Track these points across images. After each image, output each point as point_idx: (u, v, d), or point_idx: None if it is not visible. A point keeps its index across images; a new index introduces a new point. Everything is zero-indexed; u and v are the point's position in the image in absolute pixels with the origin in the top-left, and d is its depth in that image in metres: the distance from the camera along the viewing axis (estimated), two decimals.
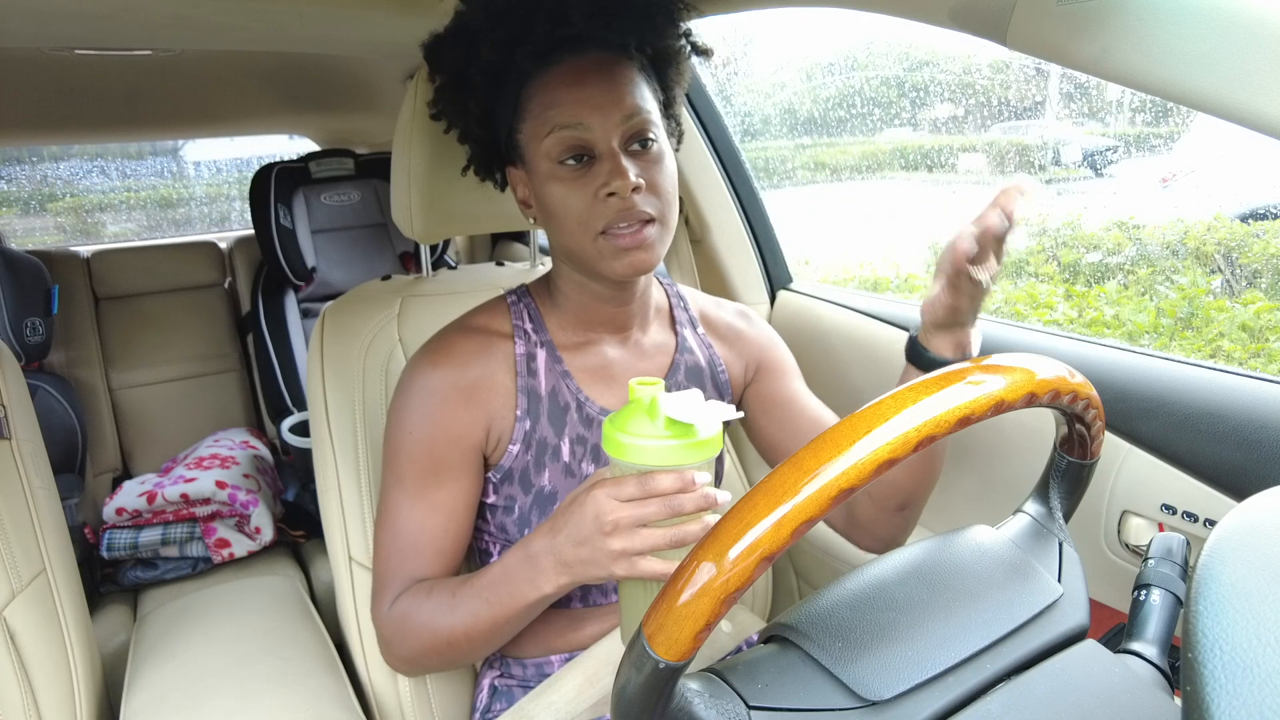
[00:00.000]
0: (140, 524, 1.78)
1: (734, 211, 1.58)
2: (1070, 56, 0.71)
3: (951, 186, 2.76)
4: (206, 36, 1.38)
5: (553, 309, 0.93)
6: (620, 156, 0.79)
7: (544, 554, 0.75)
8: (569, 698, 0.87)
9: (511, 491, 0.90)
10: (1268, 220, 1.93)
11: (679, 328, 1.00)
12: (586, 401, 0.91)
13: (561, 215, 0.82)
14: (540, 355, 0.91)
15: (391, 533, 0.88)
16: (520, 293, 0.95)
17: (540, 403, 0.90)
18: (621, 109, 0.80)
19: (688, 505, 0.67)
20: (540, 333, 0.92)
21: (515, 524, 0.91)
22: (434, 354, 0.88)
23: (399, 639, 0.87)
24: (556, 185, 0.81)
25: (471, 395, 0.87)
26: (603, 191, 0.79)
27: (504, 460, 0.89)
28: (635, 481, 0.67)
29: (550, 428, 0.90)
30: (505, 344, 0.90)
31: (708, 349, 1.01)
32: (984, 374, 0.54)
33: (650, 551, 0.68)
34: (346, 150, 2.31)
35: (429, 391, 0.86)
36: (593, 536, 0.69)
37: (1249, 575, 0.40)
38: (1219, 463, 0.89)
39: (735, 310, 1.07)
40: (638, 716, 0.52)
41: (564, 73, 0.80)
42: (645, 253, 0.81)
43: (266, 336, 2.13)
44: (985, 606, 0.60)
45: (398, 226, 1.08)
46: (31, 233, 3.56)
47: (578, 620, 0.94)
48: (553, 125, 0.80)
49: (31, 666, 0.94)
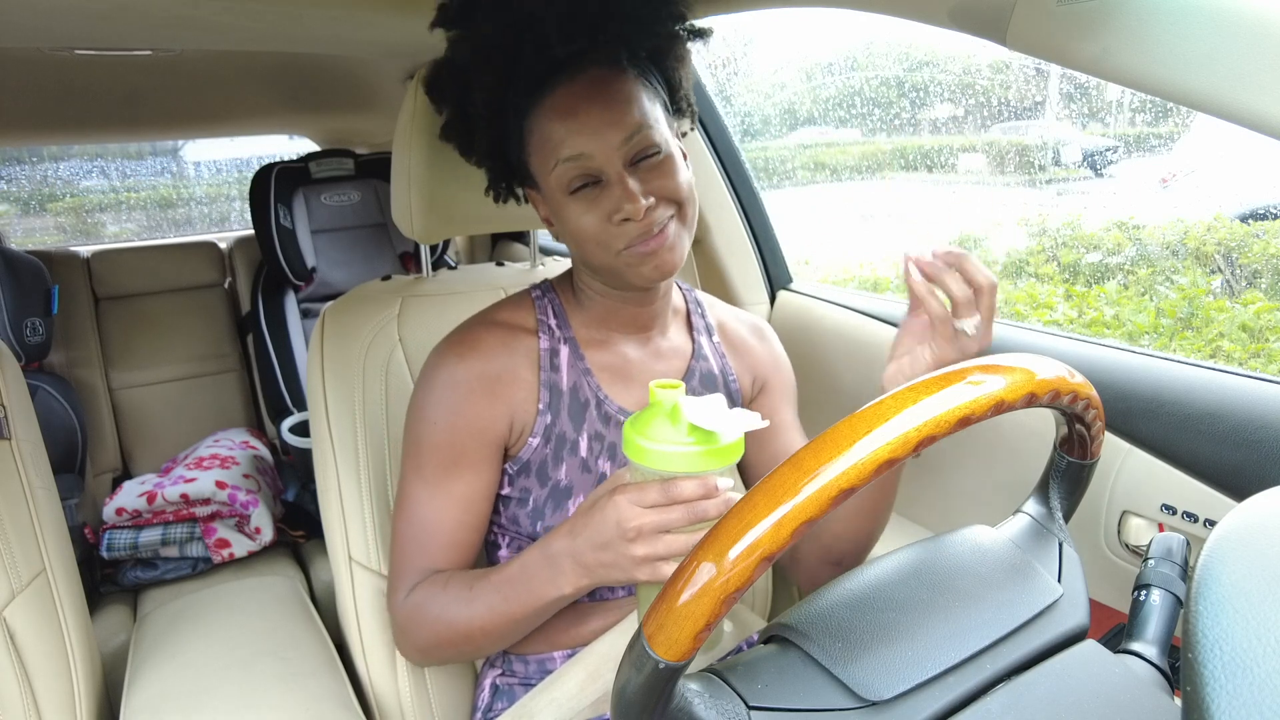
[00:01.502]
0: (140, 524, 1.78)
1: (734, 211, 1.58)
2: (1070, 57, 0.71)
3: (951, 186, 2.76)
4: (206, 36, 1.38)
5: (577, 307, 0.94)
6: (627, 180, 0.79)
7: (564, 556, 0.75)
8: (571, 694, 0.87)
9: (528, 484, 0.90)
10: (1268, 220, 1.93)
11: (695, 334, 1.00)
12: (605, 399, 0.91)
13: (581, 237, 0.83)
14: (563, 351, 0.91)
15: (409, 522, 0.89)
16: (545, 288, 0.96)
17: (562, 397, 0.90)
18: (621, 130, 0.79)
19: (711, 511, 0.67)
20: (564, 329, 0.93)
21: (529, 516, 0.91)
22: (459, 346, 0.89)
23: (413, 628, 0.87)
24: (572, 209, 0.82)
25: (495, 388, 0.88)
26: (616, 217, 0.79)
27: (523, 453, 0.90)
28: (658, 488, 0.67)
29: (570, 423, 0.90)
30: (529, 339, 0.91)
31: (721, 358, 1.01)
32: (984, 374, 0.54)
33: (673, 557, 0.68)
34: (346, 150, 2.31)
35: (454, 383, 0.87)
36: (615, 541, 0.69)
37: (1249, 575, 0.40)
38: (1219, 463, 0.89)
39: (751, 324, 1.07)
40: (638, 716, 0.52)
41: (558, 102, 0.79)
42: (669, 252, 0.82)
43: (266, 337, 2.13)
44: (985, 606, 0.60)
45: (398, 226, 1.08)
46: (31, 233, 3.56)
47: (583, 615, 0.94)
48: (556, 159, 0.80)
49: (31, 666, 0.94)
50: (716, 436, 0.66)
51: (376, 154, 2.36)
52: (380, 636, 1.03)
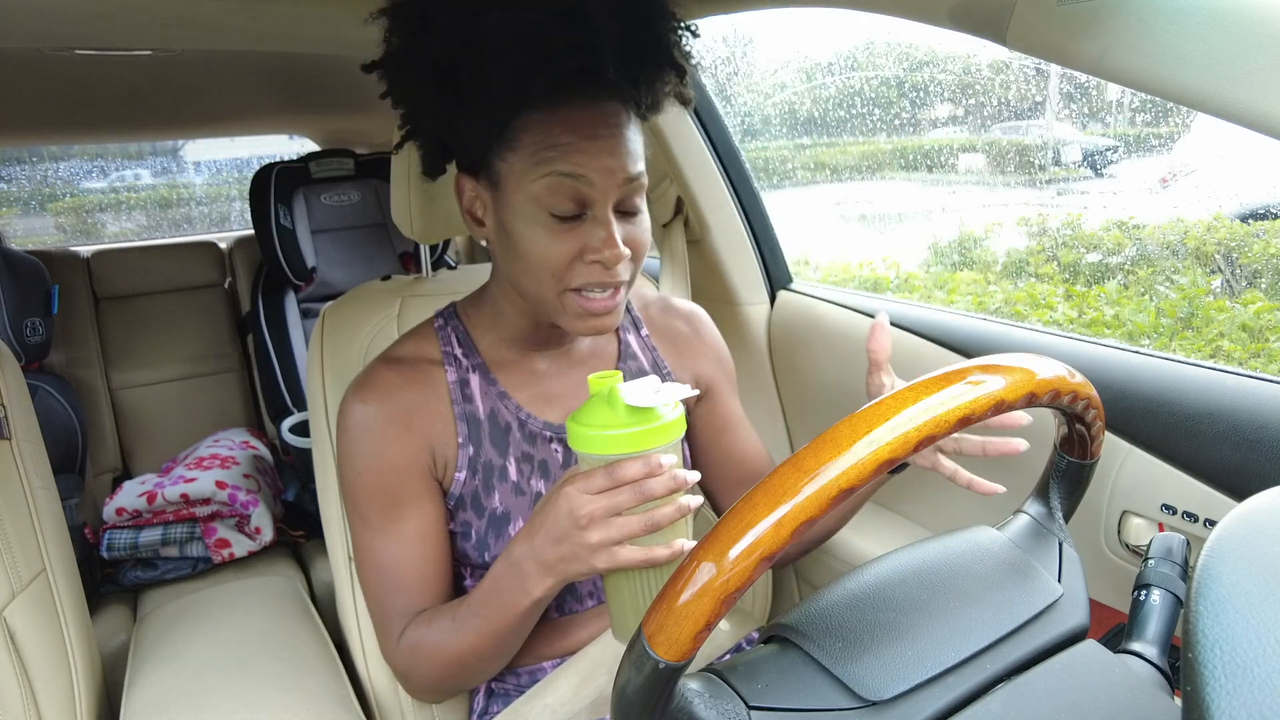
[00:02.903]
0: (140, 524, 1.78)
1: (734, 211, 1.58)
2: (1070, 57, 0.71)
3: (951, 186, 2.76)
4: (206, 36, 1.38)
5: (488, 329, 0.90)
6: (613, 224, 0.75)
7: (526, 558, 0.74)
8: (564, 699, 0.87)
9: (466, 517, 0.89)
10: (1268, 220, 1.93)
11: (622, 332, 0.97)
12: (529, 418, 0.89)
13: (532, 261, 0.76)
14: (474, 380, 0.89)
15: (373, 571, 0.87)
16: (448, 315, 0.92)
17: (480, 426, 0.88)
18: (626, 170, 0.75)
19: (658, 489, 0.67)
20: (471, 356, 0.90)
21: (474, 549, 0.89)
22: (363, 390, 0.86)
23: (414, 671, 0.86)
24: (535, 231, 0.75)
25: (408, 424, 0.86)
26: (589, 255, 0.75)
27: (453, 488, 0.88)
28: (603, 472, 0.67)
29: (494, 450, 0.88)
30: (436, 371, 0.88)
31: (652, 352, 0.98)
32: (984, 374, 0.54)
33: (628, 539, 0.68)
34: (346, 150, 2.31)
35: (364, 428, 0.85)
36: (570, 532, 0.69)
37: (1249, 575, 0.40)
38: (1219, 463, 0.89)
39: (686, 314, 1.03)
40: (638, 717, 0.52)
41: (574, 116, 0.73)
42: (612, 318, 0.79)
43: (266, 336, 2.13)
44: (985, 606, 0.60)
45: (397, 227, 1.08)
46: (32, 233, 3.56)
47: (562, 629, 0.94)
48: (551, 170, 0.73)
49: (31, 666, 0.94)
50: (655, 415, 0.67)
51: (376, 154, 2.36)
52: None
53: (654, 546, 0.68)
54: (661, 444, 0.68)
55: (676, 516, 0.68)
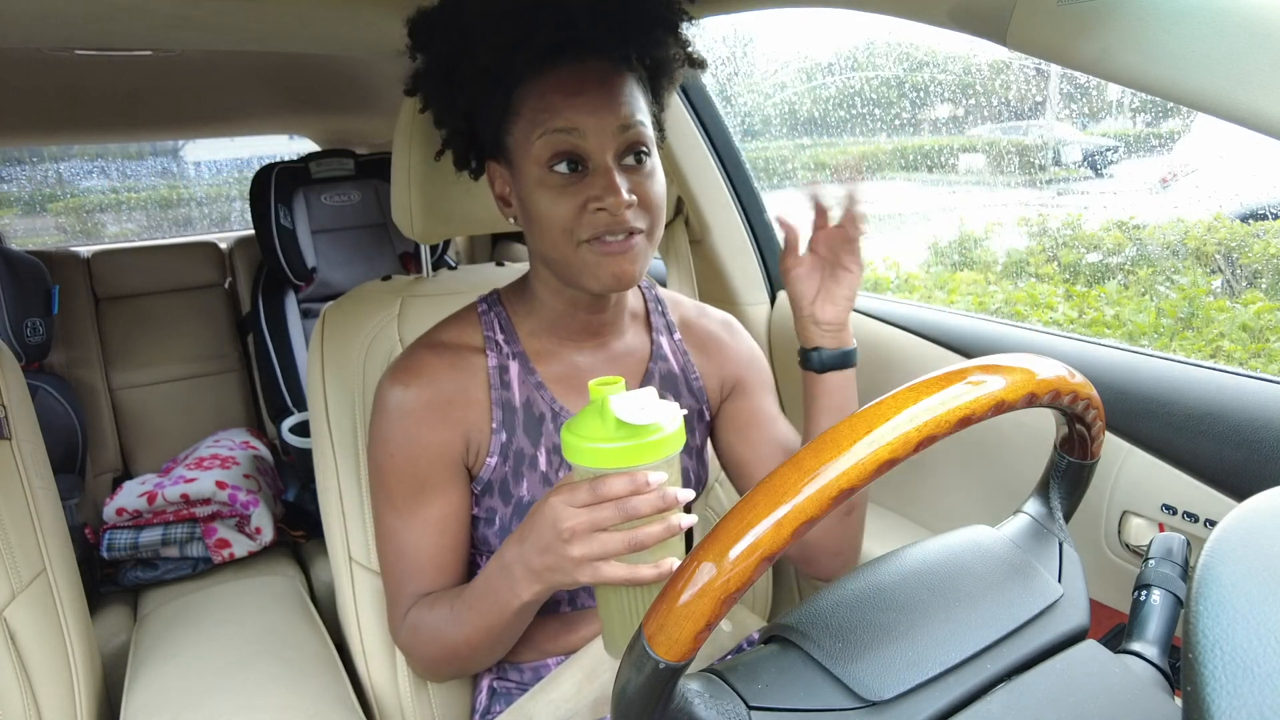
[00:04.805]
0: (140, 524, 1.78)
1: (734, 212, 1.58)
2: (1070, 57, 0.71)
3: (951, 186, 2.76)
4: (206, 36, 1.38)
5: (527, 315, 0.92)
6: (614, 171, 0.77)
7: (515, 563, 0.74)
8: (568, 695, 0.87)
9: (492, 503, 0.90)
10: (1268, 220, 1.93)
11: (654, 333, 0.98)
12: (562, 411, 0.90)
13: (546, 222, 0.79)
14: (513, 367, 0.90)
15: (392, 553, 0.89)
16: (491, 300, 0.94)
17: (515, 414, 0.89)
18: (618, 119, 0.78)
19: (642, 507, 0.64)
20: (512, 343, 0.91)
21: (496, 535, 0.90)
22: (404, 373, 0.87)
23: (414, 650, 0.89)
24: (543, 191, 0.78)
25: (446, 412, 0.86)
26: (593, 205, 0.77)
27: (483, 473, 0.89)
28: (587, 486, 0.65)
29: (526, 438, 0.89)
30: (477, 358, 0.89)
31: (683, 356, 0.99)
32: (984, 374, 0.54)
33: (611, 556, 0.66)
34: (346, 150, 2.31)
35: (403, 412, 0.86)
36: (554, 544, 0.68)
37: (1249, 575, 0.40)
38: (1219, 463, 0.89)
39: (721, 320, 1.04)
40: (638, 717, 0.52)
41: (562, 78, 0.77)
42: (630, 264, 0.79)
43: (266, 337, 2.13)
44: (985, 607, 0.60)
45: (398, 227, 1.08)
46: (32, 233, 3.56)
47: (569, 623, 0.94)
48: (545, 129, 0.77)
49: (31, 666, 0.94)
50: (646, 430, 0.64)
51: (376, 154, 2.36)
52: (380, 636, 1.03)
53: (640, 565, 0.66)
54: (651, 460, 0.64)
55: (663, 536, 0.65)
